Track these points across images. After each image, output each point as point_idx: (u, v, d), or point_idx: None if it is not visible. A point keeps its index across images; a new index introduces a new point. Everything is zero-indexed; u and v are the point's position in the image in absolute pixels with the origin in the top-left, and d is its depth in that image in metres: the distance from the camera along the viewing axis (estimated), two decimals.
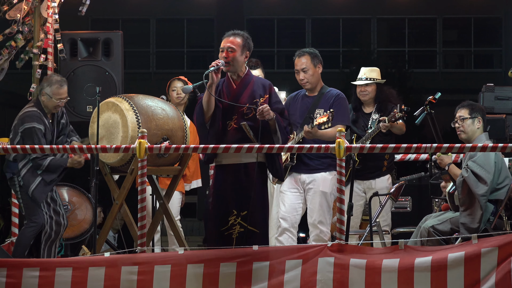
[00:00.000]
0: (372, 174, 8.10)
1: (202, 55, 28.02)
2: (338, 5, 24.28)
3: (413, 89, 23.49)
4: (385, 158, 8.16)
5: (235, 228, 6.55)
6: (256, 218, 6.58)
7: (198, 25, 27.03)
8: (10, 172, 7.56)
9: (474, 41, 27.26)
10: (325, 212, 7.19)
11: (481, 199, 6.78)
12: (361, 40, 26.36)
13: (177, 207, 8.31)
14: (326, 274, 6.22)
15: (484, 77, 20.76)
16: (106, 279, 6.36)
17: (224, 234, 6.55)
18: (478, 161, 6.86)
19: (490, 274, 6.03)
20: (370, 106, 8.25)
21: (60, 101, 7.53)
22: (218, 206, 6.62)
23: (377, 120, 8.08)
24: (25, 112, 7.52)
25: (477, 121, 7.06)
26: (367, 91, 8.19)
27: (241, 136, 6.61)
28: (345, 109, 7.31)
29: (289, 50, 27.58)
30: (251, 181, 6.58)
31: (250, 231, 6.55)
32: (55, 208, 7.55)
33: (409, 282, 6.12)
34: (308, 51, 7.41)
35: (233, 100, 6.66)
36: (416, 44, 27.45)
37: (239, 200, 6.57)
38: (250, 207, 6.54)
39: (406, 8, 24.79)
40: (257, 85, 6.75)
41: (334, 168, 7.13)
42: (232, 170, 6.63)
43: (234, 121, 6.66)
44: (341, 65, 26.30)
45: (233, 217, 6.56)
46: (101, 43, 8.70)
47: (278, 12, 25.87)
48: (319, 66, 7.37)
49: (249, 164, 6.63)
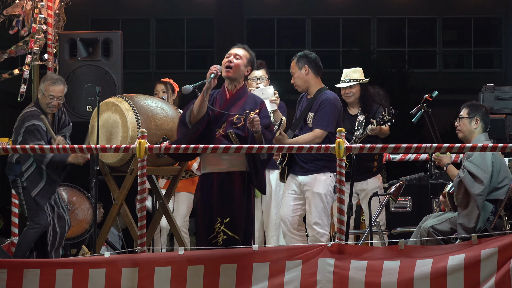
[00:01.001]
0: (364, 175, 8.10)
1: (202, 55, 28.02)
2: (338, 5, 24.26)
3: (413, 89, 23.48)
4: (375, 158, 8.16)
5: (219, 236, 6.55)
6: (237, 225, 6.56)
7: (198, 25, 27.02)
8: (13, 174, 7.54)
9: (474, 41, 27.24)
10: (320, 213, 7.18)
11: (478, 198, 6.78)
12: (361, 40, 26.35)
13: (184, 208, 8.30)
14: (326, 274, 6.22)
15: (484, 77, 20.81)
16: (106, 280, 6.36)
17: (211, 242, 6.54)
18: (474, 161, 6.87)
19: (490, 276, 6.03)
20: (355, 107, 8.23)
21: (51, 99, 7.48)
22: (204, 214, 6.61)
23: (363, 121, 8.06)
24: (25, 112, 7.53)
25: (474, 121, 7.06)
26: (351, 92, 8.18)
27: (226, 144, 6.57)
28: (326, 114, 7.21)
29: (289, 50, 27.57)
30: (233, 188, 6.58)
31: (232, 238, 6.53)
32: (59, 212, 7.56)
33: (409, 283, 6.12)
34: (298, 54, 7.36)
35: (225, 110, 6.63)
36: (416, 44, 27.43)
37: (223, 208, 6.55)
38: (232, 214, 6.52)
39: (406, 8, 24.78)
40: (250, 99, 6.74)
41: (328, 169, 7.15)
42: (217, 178, 6.62)
43: (222, 129, 6.64)
44: (341, 65, 26.28)
45: (217, 225, 6.55)
46: (101, 43, 8.70)
47: (278, 12, 25.85)
48: (305, 67, 7.32)
49: (233, 172, 6.61)
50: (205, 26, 26.72)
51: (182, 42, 27.47)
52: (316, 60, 7.36)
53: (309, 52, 7.42)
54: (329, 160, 7.13)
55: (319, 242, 7.01)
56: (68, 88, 7.72)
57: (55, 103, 7.51)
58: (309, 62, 7.33)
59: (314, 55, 7.39)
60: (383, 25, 27.76)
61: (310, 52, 7.42)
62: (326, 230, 7.19)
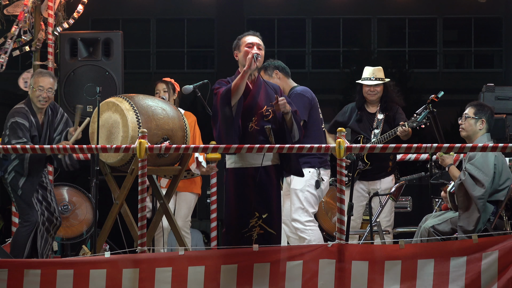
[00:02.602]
0: (378, 175, 8.13)
1: (202, 55, 28.03)
2: (338, 5, 24.26)
3: (413, 89, 23.50)
4: (390, 158, 8.19)
5: (255, 230, 6.54)
6: (274, 220, 6.57)
7: (198, 25, 27.03)
8: (1, 170, 7.54)
9: (474, 41, 27.26)
10: (297, 210, 7.17)
11: (478, 201, 6.77)
12: (361, 40, 26.35)
13: (185, 208, 8.30)
14: (327, 274, 6.22)
15: (484, 77, 20.81)
16: (107, 280, 6.36)
17: (244, 236, 6.52)
18: (476, 164, 6.86)
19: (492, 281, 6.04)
20: (375, 105, 8.26)
21: (40, 90, 7.45)
22: (239, 209, 6.54)
23: (382, 120, 8.10)
24: (13, 108, 7.55)
25: (480, 122, 7.05)
26: (376, 90, 8.22)
27: (262, 138, 6.54)
28: (294, 105, 7.09)
29: (289, 50, 27.63)
30: (271, 183, 6.57)
31: (269, 233, 6.54)
32: (47, 207, 7.54)
33: (412, 281, 6.12)
34: (263, 65, 7.25)
35: (251, 101, 6.58)
36: (416, 44, 27.45)
37: (261, 202, 6.52)
38: (270, 209, 6.53)
39: (406, 8, 24.78)
40: (269, 87, 6.71)
41: (309, 165, 7.17)
42: (253, 172, 6.55)
43: (254, 122, 6.58)
44: (341, 65, 26.30)
45: (254, 220, 6.53)
46: (101, 43, 8.71)
47: (278, 12, 25.86)
48: (276, 72, 7.37)
49: (269, 166, 6.59)
50: (205, 26, 26.73)
51: (182, 42, 27.48)
52: (281, 64, 7.43)
53: (272, 60, 7.46)
54: (310, 156, 7.14)
55: (302, 238, 7.08)
56: (68, 88, 7.72)
57: (45, 95, 7.48)
58: (276, 67, 7.39)
59: (278, 61, 7.46)
60: (383, 25, 27.77)
61: (274, 60, 7.47)
62: (306, 226, 7.15)
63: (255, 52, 6.52)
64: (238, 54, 6.68)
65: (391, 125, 8.10)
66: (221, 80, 6.68)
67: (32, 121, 7.46)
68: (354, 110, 8.30)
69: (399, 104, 8.25)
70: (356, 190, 8.05)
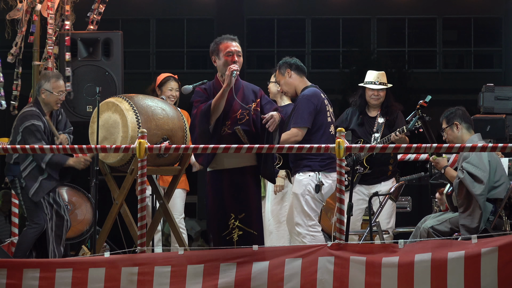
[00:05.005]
0: (378, 179, 8.13)
1: (202, 55, 28.01)
2: (338, 5, 24.25)
3: (413, 89, 23.48)
4: (390, 162, 8.20)
5: (234, 231, 6.55)
6: (253, 220, 6.59)
7: (198, 25, 27.02)
8: (11, 175, 7.54)
9: (474, 41, 27.24)
10: (299, 214, 7.14)
11: (479, 198, 6.80)
12: (361, 40, 26.35)
13: (181, 205, 8.29)
14: (326, 273, 6.22)
15: (484, 77, 20.77)
16: (106, 280, 6.36)
17: (226, 238, 6.54)
18: (472, 162, 6.88)
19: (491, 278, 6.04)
20: (376, 109, 8.27)
21: (60, 94, 7.54)
22: (217, 211, 6.60)
23: (382, 124, 8.11)
24: (24, 111, 7.54)
25: (454, 127, 7.11)
26: (380, 95, 8.24)
27: (235, 141, 6.57)
28: (299, 110, 7.18)
29: (289, 50, 27.58)
30: (246, 184, 6.59)
31: (248, 233, 6.55)
32: (58, 210, 7.55)
33: (409, 279, 6.12)
34: (278, 63, 7.38)
35: (226, 106, 6.59)
36: (416, 44, 27.43)
37: (237, 203, 6.56)
38: (246, 209, 6.54)
39: (406, 8, 24.76)
40: (247, 90, 6.72)
41: (309, 168, 7.14)
42: (228, 174, 6.61)
43: (227, 126, 6.62)
44: (341, 65, 26.29)
45: (231, 221, 6.55)
46: (101, 43, 8.72)
47: (278, 12, 25.85)
48: (288, 71, 7.35)
49: (245, 167, 6.62)
50: (205, 26, 26.72)
51: (182, 42, 27.47)
52: (297, 62, 7.39)
53: (288, 57, 7.45)
54: (311, 159, 7.13)
55: (302, 243, 7.03)
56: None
57: (63, 98, 7.60)
58: (290, 66, 7.37)
59: (294, 59, 7.43)
60: (383, 25, 27.76)
61: (290, 58, 7.45)
62: (308, 231, 7.13)
63: (234, 69, 6.51)
64: (216, 60, 6.69)
65: (391, 130, 8.10)
66: (198, 90, 6.68)
67: (45, 122, 7.50)
68: (355, 114, 8.30)
69: (399, 108, 8.26)
70: (356, 193, 8.05)
